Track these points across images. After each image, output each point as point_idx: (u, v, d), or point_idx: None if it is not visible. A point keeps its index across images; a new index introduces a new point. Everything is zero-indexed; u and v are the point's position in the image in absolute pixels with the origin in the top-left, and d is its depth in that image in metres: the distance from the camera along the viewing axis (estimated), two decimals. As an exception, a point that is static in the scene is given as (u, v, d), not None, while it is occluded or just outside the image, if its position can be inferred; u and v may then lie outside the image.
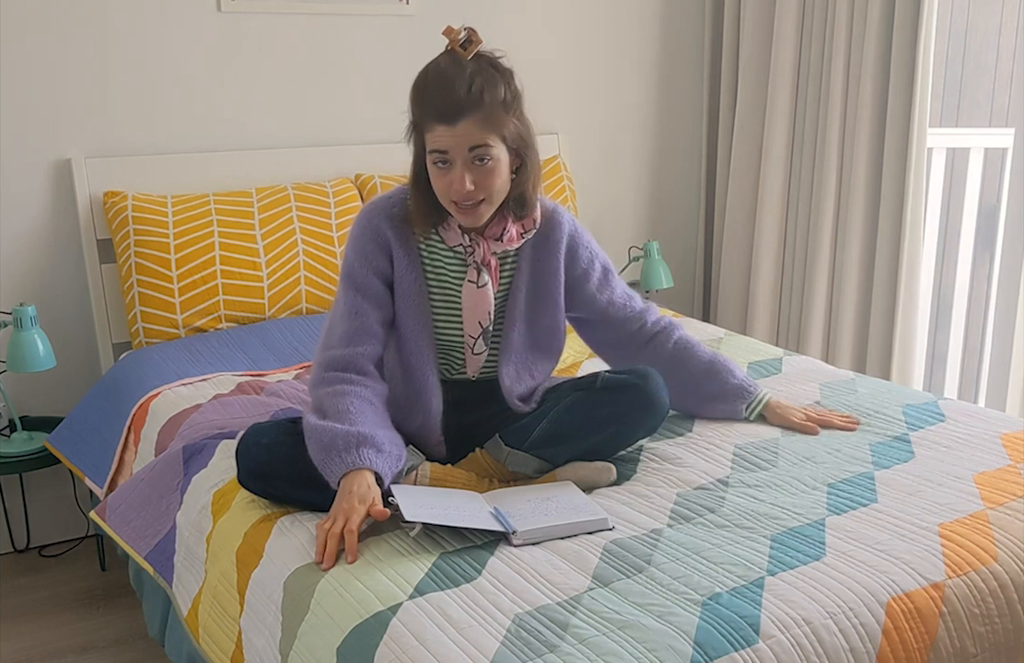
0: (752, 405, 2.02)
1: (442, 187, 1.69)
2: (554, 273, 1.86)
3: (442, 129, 1.63)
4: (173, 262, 2.61)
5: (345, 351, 1.71)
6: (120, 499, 2.02)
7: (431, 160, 1.68)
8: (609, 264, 1.97)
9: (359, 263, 1.76)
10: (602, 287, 1.95)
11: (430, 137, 1.66)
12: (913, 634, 1.35)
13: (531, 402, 1.88)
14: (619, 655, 1.21)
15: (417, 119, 1.69)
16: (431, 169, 1.69)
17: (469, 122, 1.63)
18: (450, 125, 1.63)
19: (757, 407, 2.02)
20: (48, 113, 2.68)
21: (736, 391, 2.02)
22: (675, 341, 2.01)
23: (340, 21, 3.02)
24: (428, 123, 1.65)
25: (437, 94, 1.63)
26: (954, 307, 3.35)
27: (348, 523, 1.48)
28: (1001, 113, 4.38)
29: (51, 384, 2.77)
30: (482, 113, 1.63)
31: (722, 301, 3.65)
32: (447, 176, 1.67)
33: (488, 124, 1.64)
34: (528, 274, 1.84)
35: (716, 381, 2.02)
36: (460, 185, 1.65)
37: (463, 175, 1.65)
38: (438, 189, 1.70)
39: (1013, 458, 1.81)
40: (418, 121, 1.69)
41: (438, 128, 1.64)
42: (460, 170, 1.65)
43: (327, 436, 1.58)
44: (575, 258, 1.89)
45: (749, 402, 2.02)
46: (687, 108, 3.74)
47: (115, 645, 2.33)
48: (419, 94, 1.67)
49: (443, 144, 1.64)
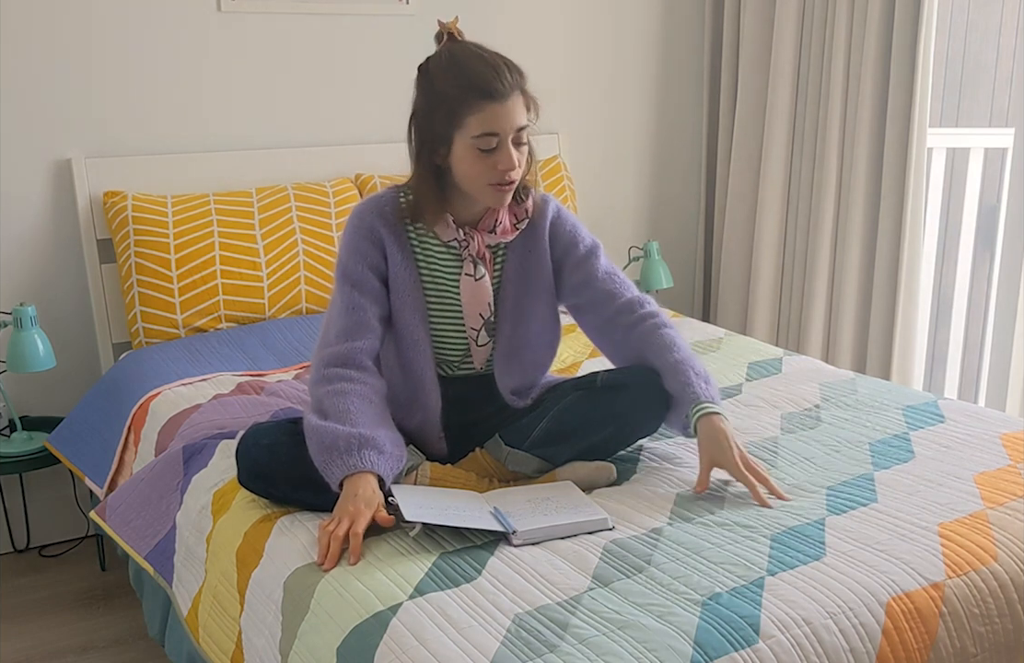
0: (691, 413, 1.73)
1: (484, 168, 1.68)
2: (542, 260, 1.85)
3: (494, 108, 1.64)
4: (173, 262, 2.61)
5: (343, 347, 1.71)
6: (120, 499, 2.02)
7: (477, 143, 1.66)
8: (597, 246, 1.90)
9: (354, 260, 1.77)
10: (583, 262, 1.87)
11: (476, 120, 1.65)
12: (913, 634, 1.35)
13: (527, 397, 1.88)
14: (619, 655, 1.21)
15: (454, 103, 1.66)
16: (470, 153, 1.67)
17: (516, 100, 1.67)
18: (502, 103, 1.65)
19: (694, 418, 1.72)
20: (48, 113, 2.68)
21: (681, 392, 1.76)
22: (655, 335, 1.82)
23: (340, 21, 3.02)
24: (474, 105, 1.64)
25: (486, 74, 1.65)
26: (954, 307, 3.35)
27: (354, 526, 1.48)
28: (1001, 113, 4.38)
29: (51, 384, 2.77)
30: (523, 93, 1.69)
31: (722, 301, 3.65)
32: (492, 158, 1.67)
33: (528, 105, 1.70)
34: (517, 265, 1.84)
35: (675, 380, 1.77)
36: (509, 163, 1.67)
37: (511, 153, 1.67)
38: (477, 172, 1.68)
39: (1013, 458, 1.81)
40: (456, 105, 1.66)
41: (489, 108, 1.64)
42: (508, 149, 1.67)
43: (328, 437, 1.58)
44: (558, 235, 1.87)
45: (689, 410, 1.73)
46: (687, 108, 3.74)
47: (115, 645, 2.33)
48: (460, 76, 1.66)
49: (495, 124, 1.65)
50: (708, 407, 1.72)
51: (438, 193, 1.75)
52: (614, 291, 1.87)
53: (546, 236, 1.86)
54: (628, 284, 1.90)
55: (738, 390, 2.25)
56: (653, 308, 1.88)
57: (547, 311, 1.88)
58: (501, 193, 1.71)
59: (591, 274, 1.87)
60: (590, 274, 1.87)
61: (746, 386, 2.28)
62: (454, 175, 1.73)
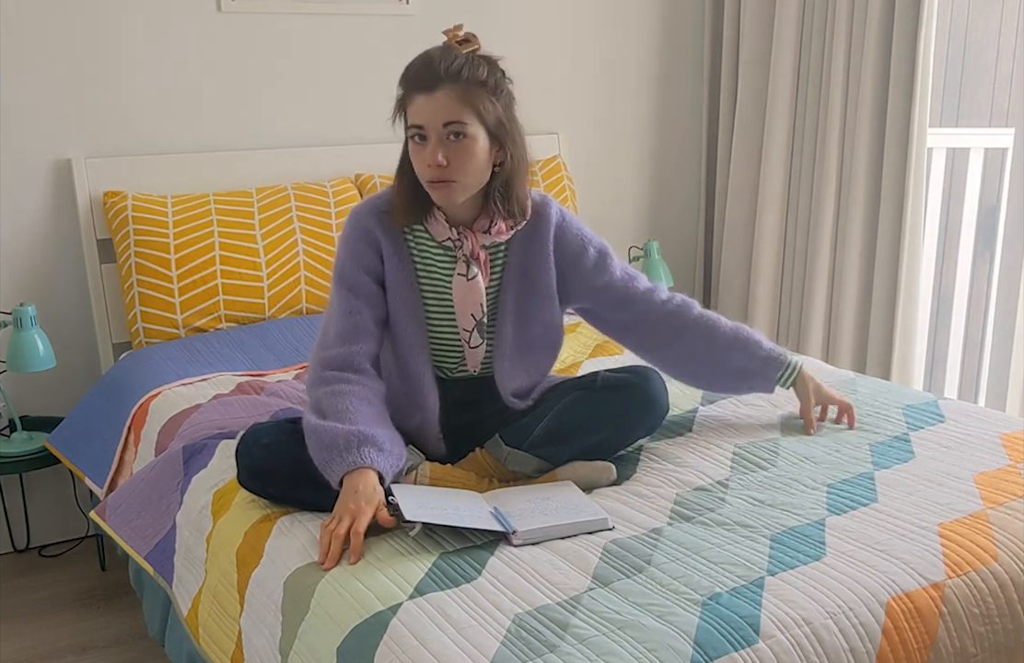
0: (784, 376, 1.97)
1: (419, 164, 1.70)
2: (544, 265, 1.84)
3: (420, 100, 1.65)
4: (173, 262, 2.61)
5: (341, 350, 1.71)
6: (120, 499, 2.02)
7: (409, 136, 1.70)
8: (606, 247, 1.92)
9: (350, 263, 1.77)
10: (599, 270, 1.89)
11: (410, 112, 1.68)
12: (913, 634, 1.35)
13: (528, 399, 1.88)
14: (619, 655, 1.21)
15: (401, 98, 1.70)
16: (410, 147, 1.71)
17: (445, 93, 1.64)
18: (427, 95, 1.64)
19: (791, 376, 1.98)
20: (48, 113, 2.69)
21: (765, 363, 1.96)
22: (696, 315, 1.94)
23: (340, 21, 3.02)
24: (408, 98, 1.68)
25: (418, 67, 1.67)
26: (954, 307, 3.35)
27: (355, 524, 1.48)
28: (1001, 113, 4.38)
29: (51, 384, 2.77)
30: (459, 86, 1.65)
31: (722, 301, 3.65)
32: (422, 151, 1.68)
33: (464, 99, 1.65)
34: (517, 268, 1.84)
35: (743, 354, 1.95)
36: (431, 158, 1.66)
37: (435, 149, 1.66)
38: (417, 168, 1.71)
39: (1013, 458, 1.81)
40: (402, 99, 1.70)
41: (417, 100, 1.66)
42: (434, 144, 1.66)
43: (327, 436, 1.58)
44: (564, 245, 1.87)
45: (781, 373, 1.97)
46: (687, 108, 3.74)
47: (115, 645, 2.33)
48: (404, 72, 1.70)
49: (420, 117, 1.66)
50: (792, 364, 1.98)
51: (412, 191, 1.75)
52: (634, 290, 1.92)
53: (550, 240, 1.85)
54: (642, 277, 1.96)
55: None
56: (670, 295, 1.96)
57: (549, 314, 1.87)
58: (436, 189, 1.70)
59: (609, 279, 1.90)
60: (608, 279, 1.90)
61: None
62: None
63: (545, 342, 1.89)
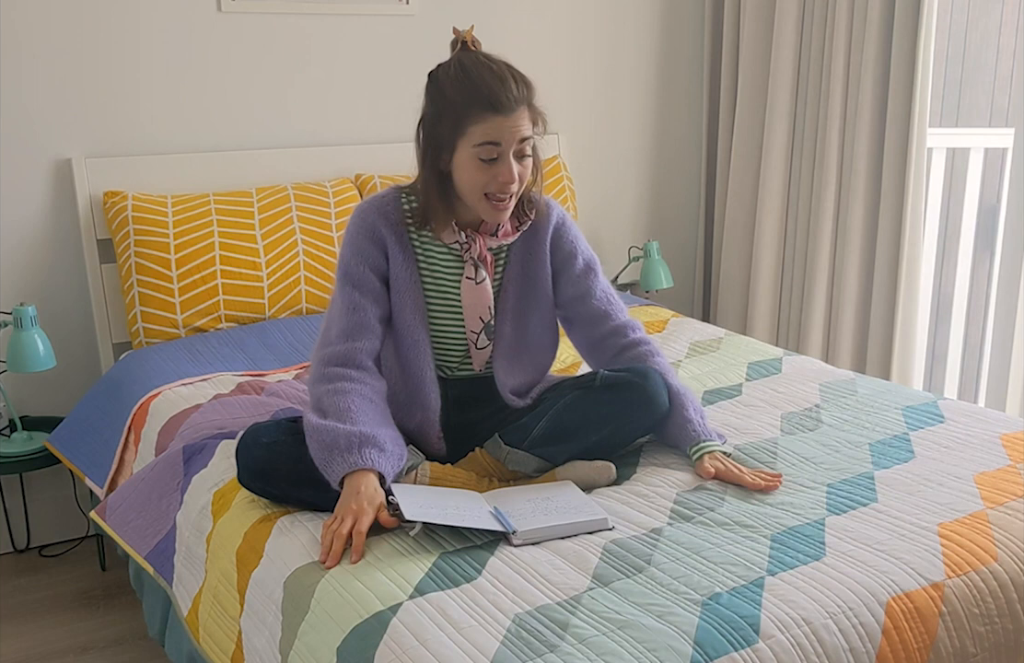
0: (692, 450, 1.80)
1: (484, 179, 1.69)
2: (542, 264, 1.86)
3: (497, 120, 1.65)
4: (173, 262, 2.61)
5: (343, 346, 1.71)
6: (120, 499, 2.02)
7: (478, 152, 1.67)
8: (595, 262, 1.94)
9: (355, 260, 1.77)
10: (581, 278, 1.90)
11: (478, 129, 1.66)
12: (913, 634, 1.35)
13: (526, 397, 1.89)
14: (619, 655, 1.21)
15: (460, 110, 1.67)
16: (471, 162, 1.68)
17: (521, 113, 1.67)
18: (507, 115, 1.65)
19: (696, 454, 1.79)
20: (48, 113, 2.69)
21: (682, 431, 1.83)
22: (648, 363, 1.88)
23: (340, 21, 3.02)
24: (478, 114, 1.66)
25: (493, 85, 1.65)
26: (954, 307, 3.35)
27: (358, 524, 1.48)
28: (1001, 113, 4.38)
29: (51, 384, 2.77)
30: (529, 107, 1.69)
31: (722, 301, 3.65)
32: (492, 168, 1.68)
33: (532, 118, 1.70)
34: (518, 267, 1.85)
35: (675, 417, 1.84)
36: (508, 175, 1.67)
37: (511, 166, 1.67)
38: (477, 182, 1.69)
39: (1013, 458, 1.81)
40: (461, 112, 1.67)
41: (492, 119, 1.65)
42: (509, 161, 1.67)
43: (328, 436, 1.59)
44: (559, 245, 1.89)
45: (692, 447, 1.80)
46: (687, 108, 3.74)
47: (115, 645, 2.34)
48: (467, 84, 1.67)
49: (496, 135, 1.66)
50: (707, 446, 1.79)
51: (443, 197, 1.76)
52: (609, 313, 1.92)
53: (547, 242, 1.87)
54: (622, 307, 1.95)
55: (738, 390, 2.25)
56: (643, 335, 1.94)
57: (547, 313, 1.89)
58: (497, 209, 1.72)
59: (588, 291, 1.90)
60: (587, 291, 1.90)
61: (746, 386, 2.28)
62: (455, 182, 1.74)
63: (543, 341, 1.91)
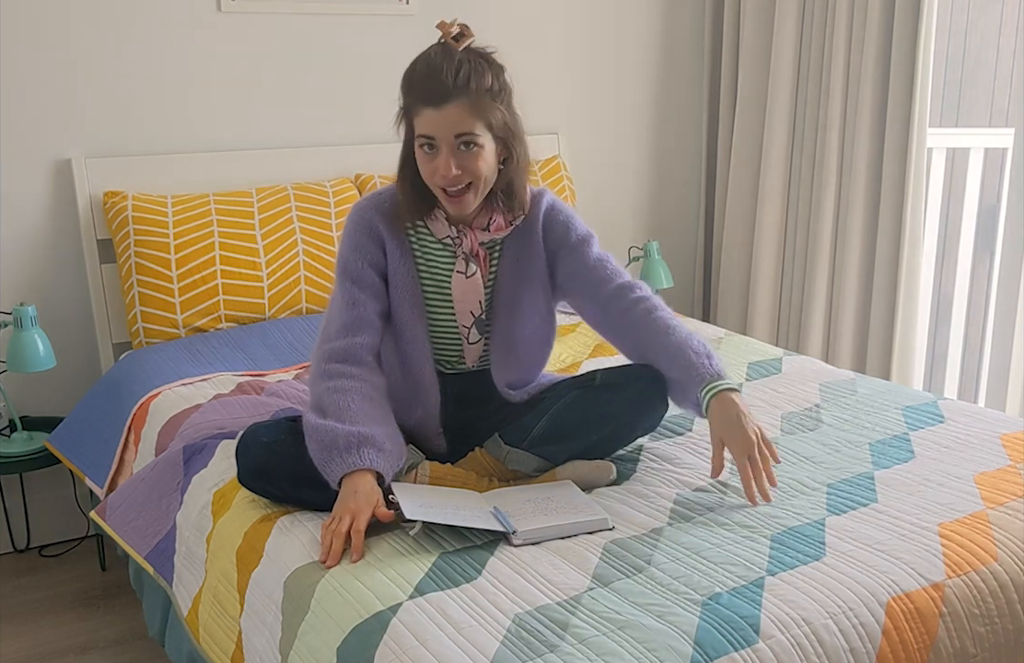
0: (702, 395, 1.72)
1: (428, 171, 1.71)
2: (536, 253, 1.85)
3: (429, 113, 1.66)
4: (173, 262, 2.61)
5: (344, 342, 1.72)
6: (120, 499, 2.02)
7: (418, 144, 1.70)
8: (591, 236, 1.89)
9: (354, 256, 1.78)
10: (575, 251, 1.86)
11: (418, 122, 1.68)
12: (913, 634, 1.35)
13: (523, 392, 1.88)
14: (619, 655, 1.21)
15: (406, 105, 1.72)
16: (418, 153, 1.71)
17: (456, 107, 1.65)
18: (437, 108, 1.65)
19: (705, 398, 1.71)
20: (48, 113, 2.68)
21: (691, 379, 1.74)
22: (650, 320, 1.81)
23: (340, 21, 3.02)
24: (416, 108, 1.68)
25: (425, 79, 1.66)
26: (954, 307, 3.35)
27: (356, 522, 1.49)
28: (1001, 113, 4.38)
29: (51, 384, 2.77)
30: (468, 100, 1.66)
31: (722, 301, 3.65)
32: (433, 161, 1.69)
33: (474, 111, 1.67)
34: (512, 260, 1.84)
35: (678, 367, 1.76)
36: (445, 169, 1.67)
37: (448, 160, 1.67)
38: (425, 174, 1.72)
39: (1013, 458, 1.81)
40: (407, 107, 1.72)
41: (425, 112, 1.66)
42: (446, 155, 1.67)
43: (328, 436, 1.59)
44: (551, 228, 1.86)
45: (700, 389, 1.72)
46: (687, 108, 3.74)
47: (115, 645, 2.33)
48: (408, 80, 1.70)
49: (430, 129, 1.67)
50: (717, 385, 1.71)
51: (416, 191, 1.76)
52: (604, 277, 1.86)
53: (539, 230, 1.85)
54: (619, 270, 1.88)
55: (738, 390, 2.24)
56: (644, 293, 1.86)
57: (542, 307, 1.88)
58: (452, 201, 1.72)
59: (582, 261, 1.86)
60: (581, 261, 1.86)
61: (746, 386, 2.28)
62: None
63: (537, 336, 1.89)
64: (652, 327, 1.81)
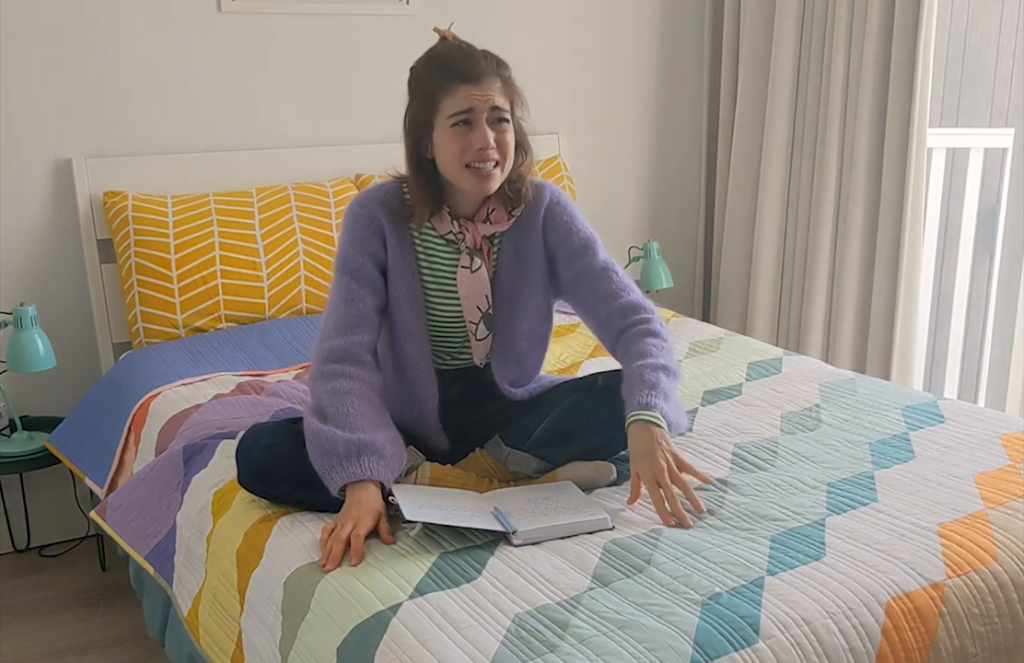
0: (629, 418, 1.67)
1: (461, 147, 1.69)
2: (536, 248, 1.85)
3: (467, 88, 1.68)
4: (173, 262, 2.61)
5: (342, 341, 1.71)
6: (120, 499, 2.02)
7: (451, 123, 1.69)
8: (594, 240, 1.87)
9: (354, 249, 1.77)
10: (578, 255, 1.83)
11: (450, 101, 1.68)
12: (913, 634, 1.35)
13: (524, 391, 1.88)
14: (619, 655, 1.21)
15: (432, 89, 1.70)
16: (447, 135, 1.69)
17: (493, 83, 1.70)
18: (475, 84, 1.68)
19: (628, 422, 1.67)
20: (48, 113, 2.68)
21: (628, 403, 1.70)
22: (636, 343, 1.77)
23: (340, 21, 3.02)
24: (449, 87, 1.68)
25: (460, 59, 1.70)
26: (954, 307, 3.35)
27: (356, 528, 1.49)
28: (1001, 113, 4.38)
29: (51, 384, 2.77)
30: (502, 80, 1.72)
31: (722, 301, 3.65)
32: (468, 136, 1.69)
33: (505, 92, 1.72)
34: (512, 254, 1.84)
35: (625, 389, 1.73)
36: (483, 140, 1.68)
37: (486, 131, 1.69)
38: (454, 152, 1.70)
39: (1013, 458, 1.81)
40: (433, 91, 1.70)
41: (462, 88, 1.68)
42: (483, 126, 1.69)
43: (328, 442, 1.58)
44: (552, 225, 1.85)
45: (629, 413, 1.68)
46: (687, 108, 3.74)
47: (115, 645, 2.34)
48: (436, 64, 1.71)
49: (467, 103, 1.68)
50: (640, 414, 1.65)
51: (431, 189, 1.76)
52: (611, 291, 1.82)
53: (540, 224, 1.85)
54: (628, 285, 1.85)
55: (738, 390, 2.25)
56: (647, 315, 1.81)
57: (540, 302, 1.87)
58: (480, 178, 1.71)
59: (586, 269, 1.83)
60: (585, 269, 1.83)
61: (746, 386, 2.28)
62: (439, 166, 1.74)
63: (533, 332, 1.88)
64: (633, 349, 1.76)
